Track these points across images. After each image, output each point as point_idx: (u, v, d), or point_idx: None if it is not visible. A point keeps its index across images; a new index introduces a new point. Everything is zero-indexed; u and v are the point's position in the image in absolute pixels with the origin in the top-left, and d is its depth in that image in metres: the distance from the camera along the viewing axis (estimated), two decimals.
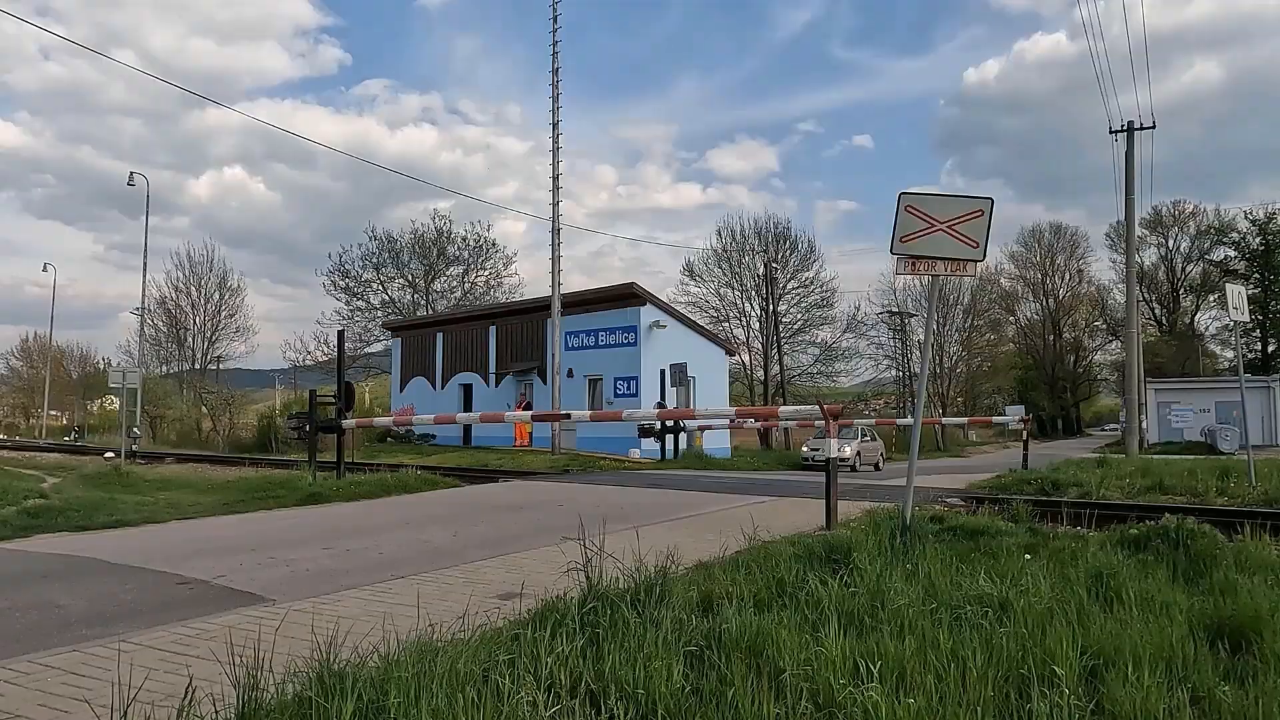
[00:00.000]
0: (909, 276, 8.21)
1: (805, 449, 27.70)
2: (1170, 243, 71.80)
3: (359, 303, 55.16)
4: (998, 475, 15.48)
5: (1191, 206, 70.46)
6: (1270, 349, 64.06)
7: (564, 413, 13.70)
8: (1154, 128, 30.33)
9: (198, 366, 56.04)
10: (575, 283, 72.89)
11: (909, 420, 18.74)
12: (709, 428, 28.74)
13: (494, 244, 52.63)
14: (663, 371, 27.72)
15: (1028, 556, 6.42)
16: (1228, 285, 15.21)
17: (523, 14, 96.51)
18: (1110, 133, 30.59)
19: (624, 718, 3.24)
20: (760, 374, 51.54)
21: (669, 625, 4.11)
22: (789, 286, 51.84)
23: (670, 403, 28.03)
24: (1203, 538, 6.88)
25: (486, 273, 56.54)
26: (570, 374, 31.94)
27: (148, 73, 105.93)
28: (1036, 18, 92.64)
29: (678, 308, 40.42)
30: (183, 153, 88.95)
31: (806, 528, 7.91)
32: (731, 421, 27.47)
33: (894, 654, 3.81)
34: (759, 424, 36.70)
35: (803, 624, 4.36)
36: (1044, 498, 11.96)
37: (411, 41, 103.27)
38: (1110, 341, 74.48)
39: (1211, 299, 67.32)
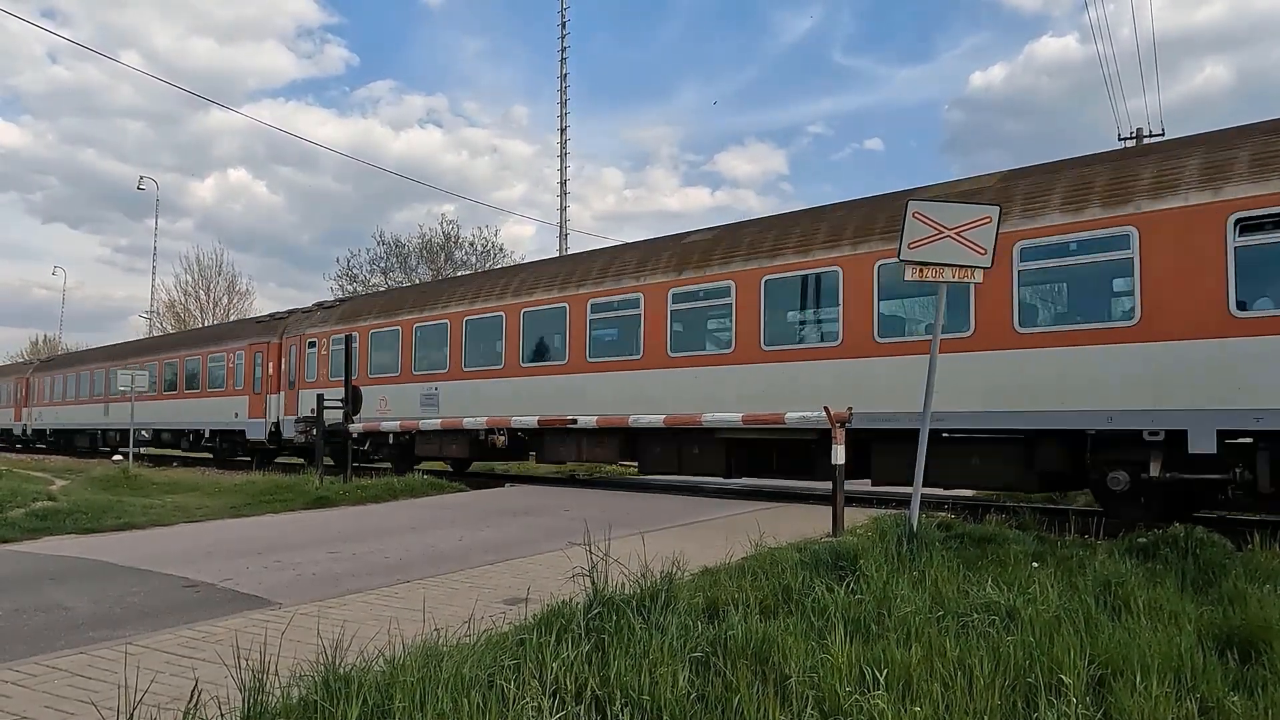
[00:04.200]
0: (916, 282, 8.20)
1: None
2: None
3: None
4: (1005, 482, 15.41)
5: None
6: None
7: (569, 417, 13.70)
8: (1163, 134, 30.26)
9: None
10: None
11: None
12: None
13: (501, 248, 52.62)
14: None
15: (1035, 564, 6.39)
16: None
17: (527, 17, 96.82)
18: (1119, 139, 30.50)
19: None
20: None
21: (674, 631, 4.10)
22: None
23: None
24: (1212, 547, 6.84)
25: None
26: None
27: (153, 75, 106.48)
28: (1046, 20, 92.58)
29: None
30: (186, 155, 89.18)
31: (813, 534, 7.89)
32: None
33: (900, 661, 3.79)
34: None
35: (809, 631, 4.34)
36: (1051, 505, 11.91)
37: (416, 42, 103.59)
38: None
39: None
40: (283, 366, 22.04)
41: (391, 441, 18.65)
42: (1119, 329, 9.24)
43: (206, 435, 25.13)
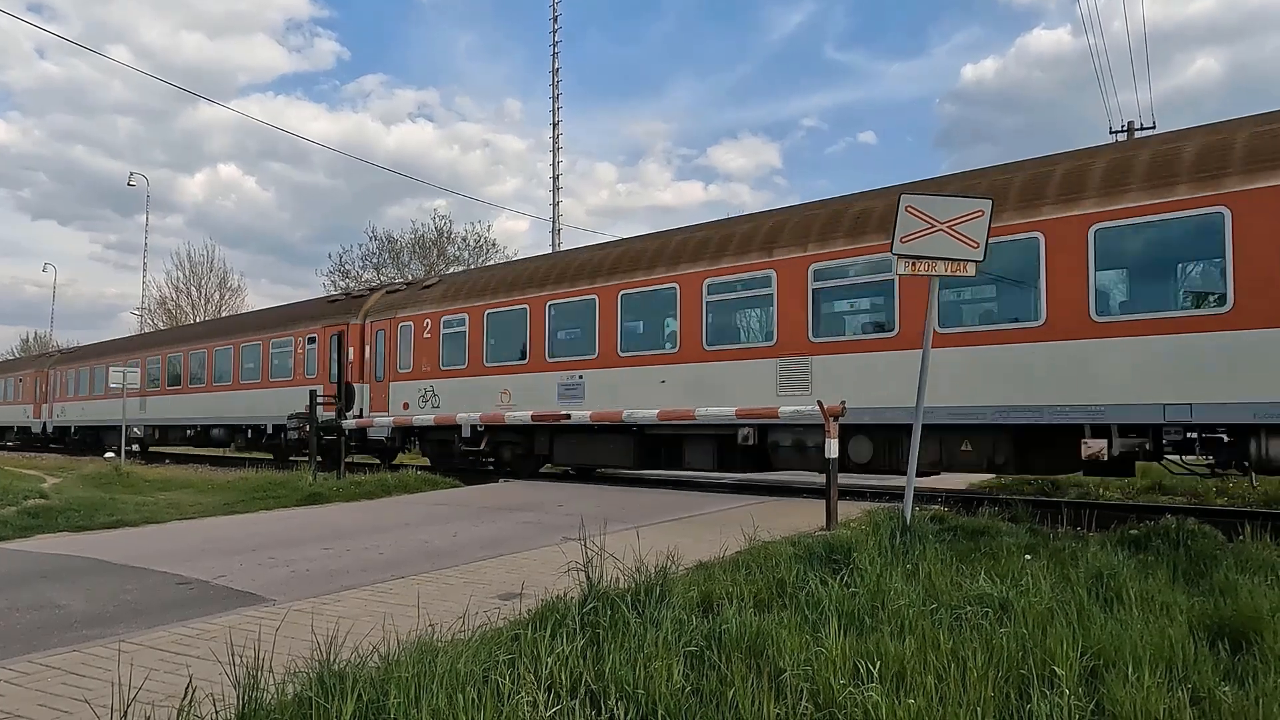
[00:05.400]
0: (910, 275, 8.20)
1: None
2: None
3: None
4: (998, 476, 15.48)
5: None
6: None
7: (563, 412, 13.70)
8: (1154, 128, 30.32)
9: None
10: None
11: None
12: None
13: (494, 243, 52.55)
14: None
15: (1028, 557, 6.42)
16: None
17: (519, 12, 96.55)
18: (1110, 133, 30.57)
19: (624, 718, 3.25)
20: None
21: (669, 625, 4.11)
22: None
23: None
24: (1203, 538, 6.89)
25: None
26: None
27: (144, 71, 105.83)
28: (1038, 13, 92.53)
29: None
30: (176, 150, 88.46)
31: (806, 528, 7.90)
32: None
33: (894, 654, 3.81)
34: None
35: (803, 624, 4.36)
36: (1044, 498, 11.96)
37: (407, 37, 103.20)
38: None
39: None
40: None
41: None
42: None
43: None
